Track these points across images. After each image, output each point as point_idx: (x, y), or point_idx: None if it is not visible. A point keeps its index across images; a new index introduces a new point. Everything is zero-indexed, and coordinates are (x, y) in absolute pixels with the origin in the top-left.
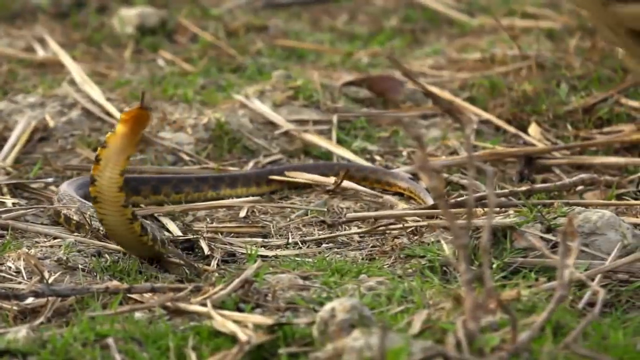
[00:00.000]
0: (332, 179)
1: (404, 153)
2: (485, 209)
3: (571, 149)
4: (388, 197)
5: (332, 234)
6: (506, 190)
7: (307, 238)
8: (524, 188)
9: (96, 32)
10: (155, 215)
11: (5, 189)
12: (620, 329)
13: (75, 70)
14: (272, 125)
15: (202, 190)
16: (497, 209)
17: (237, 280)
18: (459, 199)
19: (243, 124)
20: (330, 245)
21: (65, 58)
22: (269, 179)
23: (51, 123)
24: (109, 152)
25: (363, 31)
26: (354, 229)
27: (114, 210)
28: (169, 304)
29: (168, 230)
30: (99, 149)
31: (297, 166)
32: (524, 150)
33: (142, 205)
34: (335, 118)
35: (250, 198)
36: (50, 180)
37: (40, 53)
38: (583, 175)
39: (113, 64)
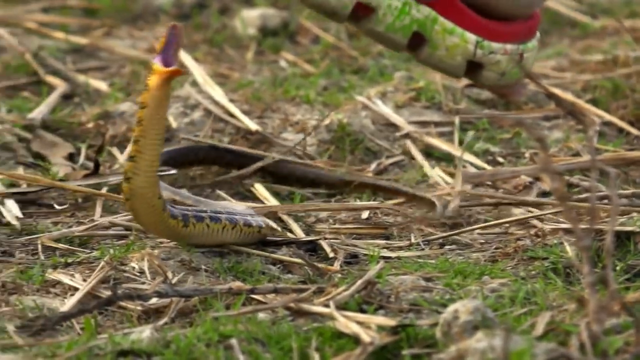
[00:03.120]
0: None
1: (527, 155)
2: (608, 211)
3: None
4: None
5: (453, 233)
6: (629, 192)
7: (430, 238)
8: None
9: (218, 34)
10: (279, 214)
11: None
12: None
13: (198, 71)
14: (394, 126)
15: None
16: (620, 210)
17: (359, 282)
18: (580, 201)
19: (365, 125)
20: (453, 246)
21: (188, 59)
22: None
23: (173, 124)
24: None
25: None
26: (477, 231)
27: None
28: (292, 304)
29: (291, 231)
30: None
31: None
32: None
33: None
34: (457, 120)
35: (372, 203)
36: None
37: None
38: None
39: (235, 65)
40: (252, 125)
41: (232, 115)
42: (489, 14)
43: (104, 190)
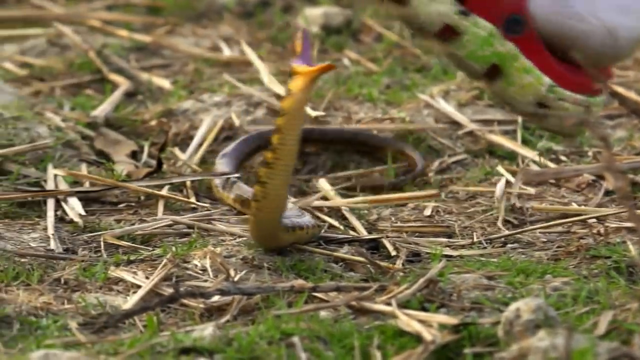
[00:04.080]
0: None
1: (590, 153)
2: None
3: None
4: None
5: (516, 232)
6: None
7: (492, 237)
8: None
9: (281, 32)
10: (343, 210)
11: (190, 188)
12: None
13: (263, 69)
14: (457, 124)
15: None
16: None
17: (421, 280)
18: None
19: (427, 123)
20: (515, 245)
21: (253, 57)
22: None
23: (236, 122)
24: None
25: None
26: (539, 230)
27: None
28: (353, 303)
29: (353, 229)
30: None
31: None
32: None
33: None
34: (520, 118)
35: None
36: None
37: (226, 52)
38: None
39: None
40: (312, 112)
41: None
42: (566, 59)
43: (165, 190)
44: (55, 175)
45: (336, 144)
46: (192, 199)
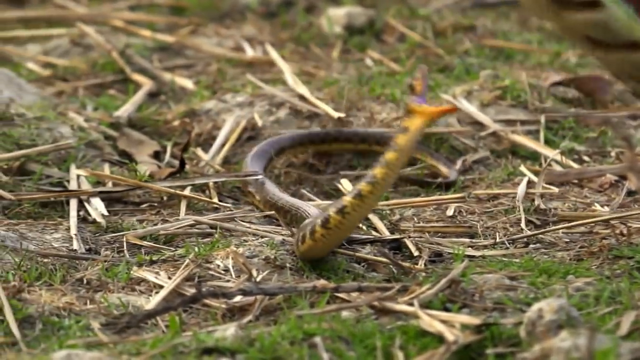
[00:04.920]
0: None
1: (613, 153)
2: None
3: None
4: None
5: (538, 232)
6: None
7: (515, 237)
8: None
9: (304, 32)
10: None
11: (212, 189)
12: None
13: (287, 69)
14: (480, 125)
15: None
16: None
17: (444, 280)
18: None
19: (450, 123)
20: (538, 245)
21: (276, 57)
22: None
23: (259, 122)
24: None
25: None
26: (562, 230)
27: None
28: (376, 303)
29: (376, 229)
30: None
31: None
32: None
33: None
34: (543, 118)
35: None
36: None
37: (249, 52)
38: None
39: (321, 64)
40: (334, 113)
41: (317, 114)
42: None
43: (187, 191)
44: (78, 176)
45: (366, 145)
46: (215, 199)
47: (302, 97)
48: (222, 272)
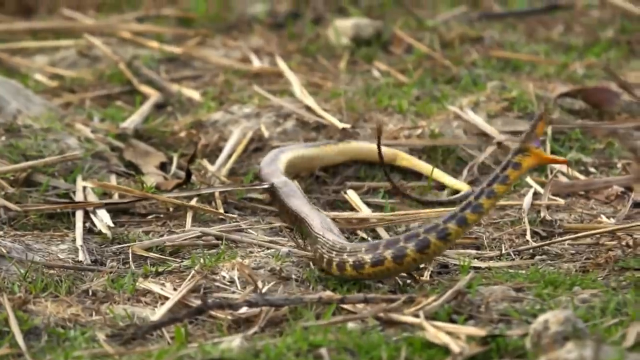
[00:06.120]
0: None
1: (619, 165)
2: None
3: None
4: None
5: (544, 243)
6: None
7: (521, 248)
8: None
9: (311, 43)
10: (371, 221)
11: (219, 200)
12: None
13: (294, 80)
14: (486, 136)
15: None
16: None
17: (449, 292)
18: None
19: (457, 135)
20: (544, 256)
21: (284, 68)
22: None
23: (266, 133)
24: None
25: (578, 42)
26: (567, 242)
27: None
28: (381, 314)
29: None
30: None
31: None
32: None
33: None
34: (549, 129)
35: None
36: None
37: (256, 63)
38: None
39: (328, 75)
40: (339, 123)
41: (324, 125)
42: None
43: (194, 202)
44: (85, 187)
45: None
46: (221, 210)
47: (309, 109)
48: (228, 283)
